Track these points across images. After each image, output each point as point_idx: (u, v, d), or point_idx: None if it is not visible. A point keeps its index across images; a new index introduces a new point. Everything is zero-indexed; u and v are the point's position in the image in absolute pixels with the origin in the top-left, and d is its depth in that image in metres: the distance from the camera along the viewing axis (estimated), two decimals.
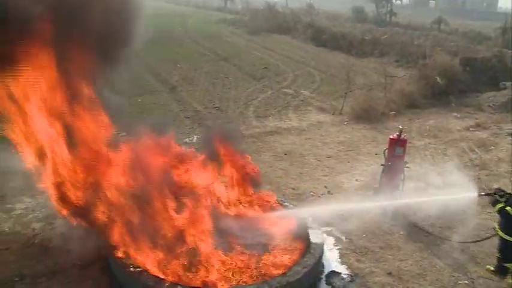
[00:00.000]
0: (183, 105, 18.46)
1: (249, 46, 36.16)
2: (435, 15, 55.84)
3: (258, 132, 15.36)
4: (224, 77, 23.86)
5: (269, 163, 12.75)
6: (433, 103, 19.93)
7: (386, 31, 42.28)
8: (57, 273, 7.79)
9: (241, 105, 18.55)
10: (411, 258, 8.64)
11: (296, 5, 70.19)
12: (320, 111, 18.11)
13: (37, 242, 8.75)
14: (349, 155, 13.72)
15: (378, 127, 16.42)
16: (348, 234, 9.37)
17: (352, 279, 7.93)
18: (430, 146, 14.91)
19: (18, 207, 9.96)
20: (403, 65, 27.74)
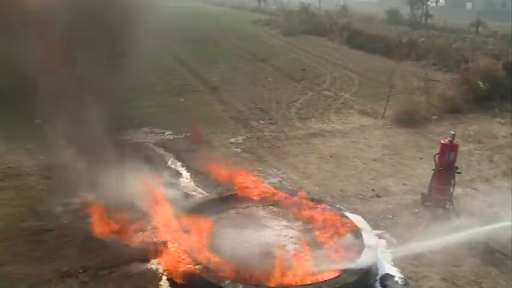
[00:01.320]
0: (226, 105, 18.72)
1: (285, 47, 36.25)
2: (472, 17, 54.93)
3: (302, 134, 15.49)
4: (263, 78, 24.02)
5: (316, 165, 12.89)
6: (475, 108, 19.67)
7: (422, 34, 41.88)
8: (118, 266, 8.05)
9: (283, 107, 18.70)
10: (465, 264, 8.63)
11: (329, 6, 69.99)
12: (362, 114, 18.13)
13: (95, 235, 9.04)
14: (394, 159, 13.74)
15: (420, 131, 16.36)
16: (398, 237, 9.43)
17: (406, 282, 7.99)
18: (474, 151, 14.78)
19: (75, 202, 10.26)
20: (441, 69, 27.46)
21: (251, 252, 7.96)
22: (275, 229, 9.09)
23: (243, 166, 12.49)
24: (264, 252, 8.07)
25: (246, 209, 9.89)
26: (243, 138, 14.88)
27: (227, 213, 9.69)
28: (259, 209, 9.90)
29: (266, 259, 7.82)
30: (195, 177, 11.82)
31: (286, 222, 9.39)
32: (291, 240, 8.73)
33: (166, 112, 17.45)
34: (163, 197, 10.29)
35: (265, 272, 7.47)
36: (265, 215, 9.69)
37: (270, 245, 8.38)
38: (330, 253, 8.23)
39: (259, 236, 8.68)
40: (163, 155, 13.34)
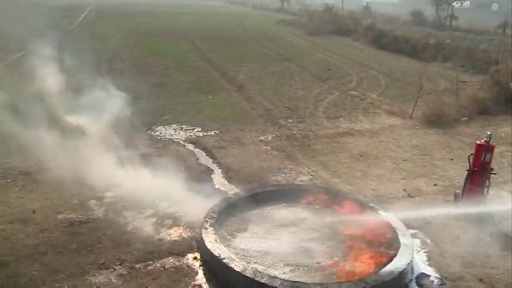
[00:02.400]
0: (253, 103, 18.77)
1: (310, 47, 36.25)
2: (498, 19, 54.18)
3: (331, 133, 15.45)
4: (290, 77, 24.04)
5: (346, 164, 12.85)
6: (505, 110, 19.38)
7: (447, 35, 41.50)
8: (153, 260, 8.14)
9: (311, 106, 18.68)
10: (501, 266, 8.52)
11: (352, 7, 69.73)
12: (390, 115, 18.02)
13: (129, 229, 9.16)
14: (425, 159, 13.63)
15: (450, 132, 16.21)
16: (432, 237, 9.37)
17: (443, 282, 7.93)
18: (506, 153, 14.61)
19: (109, 196, 10.41)
20: (468, 71, 27.20)
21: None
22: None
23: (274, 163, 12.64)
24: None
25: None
26: (272, 136, 14.90)
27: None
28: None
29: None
30: (226, 173, 11.87)
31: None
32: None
33: (195, 109, 17.59)
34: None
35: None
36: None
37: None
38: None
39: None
40: (194, 151, 13.41)
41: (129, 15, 56.43)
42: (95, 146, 12.51)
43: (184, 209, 9.89)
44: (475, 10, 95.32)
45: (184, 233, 9.05)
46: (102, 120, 14.98)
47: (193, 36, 38.93)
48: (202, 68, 25.66)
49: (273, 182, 11.37)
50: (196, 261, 8.16)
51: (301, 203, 9.90)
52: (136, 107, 17.36)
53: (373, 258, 8.07)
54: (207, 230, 8.41)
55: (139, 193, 10.29)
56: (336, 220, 9.30)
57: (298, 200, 9.95)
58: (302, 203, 9.90)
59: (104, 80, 20.89)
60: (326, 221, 9.22)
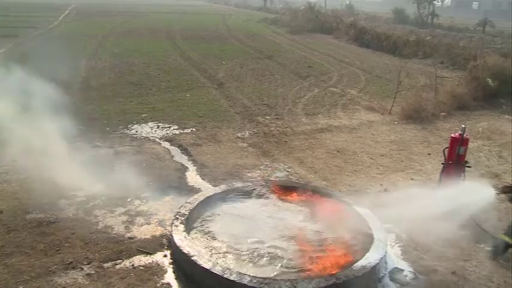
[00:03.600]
0: (232, 101, 18.60)
1: (292, 45, 36.22)
2: (478, 17, 54.78)
3: (309, 130, 15.33)
4: (270, 75, 23.94)
5: (323, 160, 12.75)
6: (483, 105, 19.54)
7: (428, 33, 41.77)
8: (122, 259, 7.95)
9: (290, 103, 18.56)
10: (475, 258, 8.49)
11: (335, 5, 70.03)
12: (369, 111, 17.98)
13: (100, 228, 8.94)
14: (402, 154, 13.59)
15: (428, 128, 16.21)
16: (408, 231, 9.29)
17: (416, 276, 7.85)
18: (483, 147, 14.63)
19: (80, 195, 10.18)
20: (448, 67, 27.37)
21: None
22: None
23: (250, 160, 12.50)
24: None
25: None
26: (249, 133, 14.76)
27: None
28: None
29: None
30: (200, 170, 11.70)
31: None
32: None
33: (173, 107, 17.37)
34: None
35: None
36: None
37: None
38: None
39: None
40: (169, 149, 13.23)
41: (111, 15, 55.98)
42: (67, 145, 12.30)
43: (157, 206, 9.74)
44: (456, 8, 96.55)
45: (155, 231, 8.85)
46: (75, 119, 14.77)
47: (175, 35, 38.70)
48: (182, 66, 25.43)
49: (247, 178, 11.21)
50: (166, 259, 7.98)
51: (273, 198, 9.75)
52: (114, 106, 17.17)
53: (346, 254, 7.95)
54: (178, 227, 8.24)
55: (111, 191, 10.14)
56: (308, 215, 9.19)
57: (270, 195, 9.81)
58: (275, 198, 9.75)
59: (82, 80, 20.73)
60: (298, 217, 9.11)
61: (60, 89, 18.64)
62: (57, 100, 16.46)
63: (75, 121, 14.49)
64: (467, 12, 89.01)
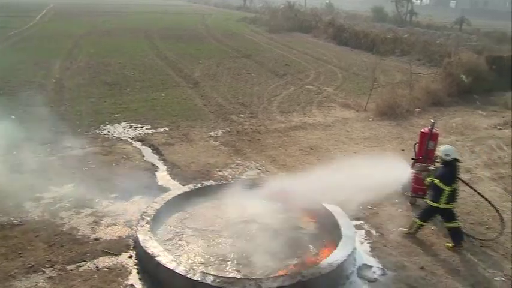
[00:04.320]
0: (207, 100, 18.45)
1: (270, 44, 36.18)
2: (456, 16, 55.31)
3: (283, 127, 15.25)
4: (246, 73, 23.85)
5: (296, 157, 12.67)
6: (457, 101, 19.68)
7: (407, 30, 42.03)
8: (86, 261, 7.77)
9: (265, 101, 18.48)
10: (443, 253, 8.47)
11: (315, 4, 70.22)
12: (344, 108, 17.96)
13: (65, 230, 8.75)
14: (376, 151, 13.57)
15: (402, 124, 16.23)
16: (377, 228, 9.26)
17: (384, 272, 7.80)
18: (457, 143, 14.66)
19: (47, 196, 9.97)
20: (425, 64, 27.54)
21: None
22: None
23: (221, 159, 12.38)
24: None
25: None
26: (222, 131, 14.62)
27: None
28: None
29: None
30: (171, 170, 11.55)
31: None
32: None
33: (147, 107, 17.16)
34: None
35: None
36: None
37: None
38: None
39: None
40: (141, 149, 13.04)
41: (89, 15, 55.37)
42: (36, 147, 12.10)
43: (125, 207, 9.59)
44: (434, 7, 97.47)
45: (121, 232, 8.70)
46: (46, 120, 14.58)
47: (153, 35, 38.36)
48: (159, 66, 25.18)
49: (218, 177, 11.09)
50: (131, 260, 7.83)
51: (242, 197, 9.63)
52: (86, 106, 16.92)
53: (314, 251, 7.88)
54: (143, 227, 8.10)
55: (79, 193, 9.99)
56: (278, 213, 9.10)
57: (239, 194, 9.69)
58: (243, 197, 9.64)
59: (55, 80, 20.40)
60: (268, 215, 9.01)
61: (32, 90, 18.51)
62: (28, 102, 16.29)
63: (46, 122, 14.35)
64: (446, 10, 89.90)
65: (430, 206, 8.66)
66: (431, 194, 8.65)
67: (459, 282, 7.65)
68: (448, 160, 8.53)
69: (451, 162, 8.55)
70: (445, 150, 8.61)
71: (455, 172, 8.57)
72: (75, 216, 9.23)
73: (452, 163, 8.57)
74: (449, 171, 8.51)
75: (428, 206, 8.73)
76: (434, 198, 8.55)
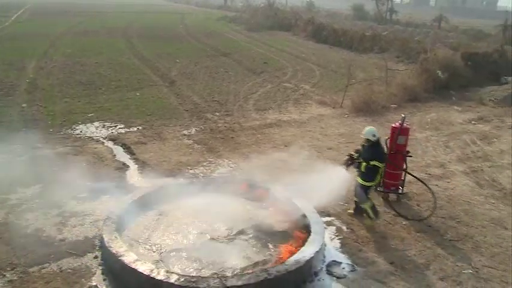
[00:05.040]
0: (182, 98, 18.27)
1: (250, 42, 36.10)
2: (435, 14, 55.82)
3: (258, 125, 15.16)
4: (224, 72, 23.73)
5: (269, 154, 12.55)
6: (434, 97, 19.81)
7: (386, 28, 42.28)
8: (50, 263, 7.57)
9: (241, 99, 18.37)
10: (414, 248, 8.44)
11: (296, 3, 70.32)
12: (320, 105, 17.93)
13: (30, 232, 8.52)
14: (350, 147, 13.42)
15: (378, 120, 16.23)
16: (349, 224, 9.20)
17: (353, 268, 7.73)
18: (431, 138, 14.75)
19: (13, 198, 9.74)
20: (403, 61, 27.67)
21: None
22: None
23: (194, 157, 12.23)
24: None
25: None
26: (196, 130, 14.47)
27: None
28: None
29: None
30: (142, 169, 11.37)
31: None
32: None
33: (121, 106, 16.92)
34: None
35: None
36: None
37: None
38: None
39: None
40: (112, 148, 12.84)
41: (68, 15, 54.74)
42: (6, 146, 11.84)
43: (93, 207, 9.40)
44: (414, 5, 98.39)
45: (88, 232, 8.51)
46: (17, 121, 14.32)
47: (132, 35, 38.04)
48: (135, 65, 24.91)
49: (189, 175, 10.95)
50: (96, 261, 7.65)
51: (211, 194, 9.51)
52: (60, 106, 16.64)
53: (282, 248, 7.77)
54: (109, 226, 7.91)
55: (46, 193, 9.75)
56: (247, 210, 9.00)
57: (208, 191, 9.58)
58: (212, 194, 9.51)
59: (29, 81, 20.05)
60: (237, 212, 8.90)
61: (4, 90, 18.17)
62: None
63: (16, 123, 14.09)
64: (426, 9, 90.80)
65: (365, 186, 9.01)
66: (365, 175, 8.91)
67: (429, 277, 7.62)
68: (376, 140, 8.87)
69: (379, 141, 8.99)
70: (371, 131, 8.94)
71: (384, 149, 9.22)
72: (41, 218, 9.00)
73: (379, 141, 9.01)
74: (382, 149, 9.07)
75: (364, 187, 9.02)
76: (368, 178, 8.92)
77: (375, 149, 8.89)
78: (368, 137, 8.89)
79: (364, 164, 8.81)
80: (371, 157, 8.76)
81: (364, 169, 8.84)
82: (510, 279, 7.62)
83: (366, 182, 8.98)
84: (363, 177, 8.96)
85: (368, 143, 8.94)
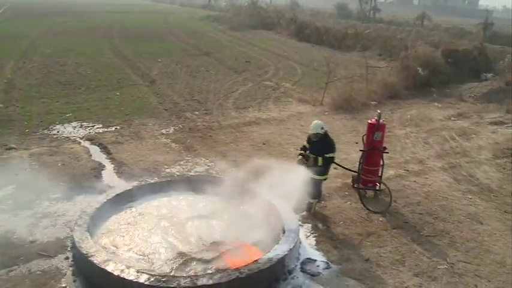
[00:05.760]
0: (162, 97, 18.10)
1: (232, 41, 35.99)
2: (419, 13, 56.27)
3: (237, 123, 15.06)
4: (205, 71, 23.59)
5: (247, 152, 12.46)
6: (414, 94, 19.89)
7: (369, 26, 42.43)
8: (18, 265, 7.40)
9: (221, 97, 18.26)
10: (390, 244, 8.39)
11: (280, 2, 70.41)
12: (301, 103, 17.88)
13: (0, 233, 8.35)
14: None
15: (358, 117, 16.22)
16: (325, 221, 9.13)
17: (328, 266, 7.66)
18: (411, 134, 14.77)
19: None
20: (385, 58, 27.85)
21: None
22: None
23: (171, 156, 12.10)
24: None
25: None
26: (174, 129, 14.33)
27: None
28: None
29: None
30: (118, 168, 11.22)
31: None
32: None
33: (100, 106, 16.71)
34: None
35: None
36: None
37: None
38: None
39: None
40: (89, 148, 12.65)
41: (49, 15, 54.04)
42: None
43: (66, 207, 9.23)
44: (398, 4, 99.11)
45: (60, 233, 8.34)
46: None
47: (114, 35, 37.70)
48: (116, 65, 24.67)
49: (165, 174, 10.82)
50: (67, 262, 7.49)
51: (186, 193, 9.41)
52: (37, 107, 16.38)
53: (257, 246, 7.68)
54: (80, 226, 7.76)
55: (19, 194, 9.56)
56: (221, 208, 8.91)
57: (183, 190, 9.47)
58: (187, 193, 9.42)
59: (7, 81, 19.74)
60: (211, 210, 8.82)
61: None
62: None
63: None
64: (409, 7, 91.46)
65: (319, 180, 9.08)
66: (319, 170, 8.92)
67: (403, 273, 7.57)
68: (324, 132, 8.97)
69: (326, 133, 9.04)
70: (319, 125, 9.06)
71: (332, 140, 9.15)
72: (12, 219, 8.80)
73: (327, 133, 9.09)
74: (332, 141, 9.11)
75: (318, 181, 9.06)
76: (323, 172, 9.01)
77: (326, 141, 8.99)
78: (317, 131, 8.96)
79: (320, 158, 8.86)
80: (325, 150, 8.86)
81: (321, 163, 8.86)
82: (484, 273, 7.62)
83: (322, 176, 9.05)
84: (319, 172, 8.97)
85: (317, 137, 9.00)
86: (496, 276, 7.57)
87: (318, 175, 8.98)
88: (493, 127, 15.72)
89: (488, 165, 12.42)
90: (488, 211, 9.89)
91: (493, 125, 15.90)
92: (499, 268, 7.80)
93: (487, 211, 9.88)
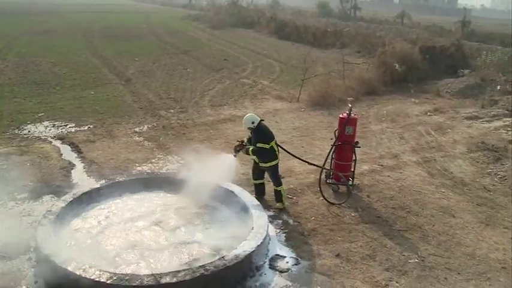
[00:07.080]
0: (137, 96, 17.86)
1: (211, 40, 35.82)
2: (399, 10, 56.64)
3: (211, 120, 14.91)
4: (182, 69, 23.39)
5: (220, 150, 12.22)
6: (392, 90, 19.91)
7: (349, 25, 42.57)
8: None
9: (197, 95, 18.08)
10: (361, 239, 8.30)
11: (261, 1, 70.42)
12: (277, 100, 17.79)
13: None
14: (304, 140, 13.42)
15: (334, 113, 16.04)
16: (296, 217, 9.02)
17: (298, 262, 7.54)
18: (387, 130, 14.74)
19: None
20: (364, 55, 27.83)
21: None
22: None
23: (143, 154, 11.91)
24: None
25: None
26: (148, 127, 14.13)
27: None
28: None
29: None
30: (88, 167, 10.99)
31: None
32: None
33: (74, 105, 16.42)
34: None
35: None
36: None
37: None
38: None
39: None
40: (60, 147, 12.39)
41: (27, 15, 53.24)
42: None
43: (32, 207, 9.00)
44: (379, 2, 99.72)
45: (24, 234, 8.09)
46: None
47: (92, 34, 37.24)
48: (92, 64, 24.34)
49: (136, 172, 10.64)
50: (29, 263, 7.27)
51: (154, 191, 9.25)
52: (9, 106, 16.05)
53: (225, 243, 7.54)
54: (44, 226, 7.55)
55: None
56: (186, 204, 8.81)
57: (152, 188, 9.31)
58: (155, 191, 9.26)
59: None
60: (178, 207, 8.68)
61: None
62: None
63: None
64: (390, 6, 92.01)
65: (271, 166, 9.21)
66: (262, 157, 9.16)
67: (374, 268, 7.48)
68: (256, 125, 9.07)
69: (259, 125, 9.12)
70: (249, 119, 9.13)
71: (267, 131, 9.26)
72: None
73: (261, 125, 9.17)
74: (263, 132, 9.16)
75: (270, 168, 9.24)
76: (266, 158, 9.15)
77: (257, 133, 9.10)
78: (248, 125, 9.10)
79: (251, 148, 9.12)
80: (257, 141, 9.04)
81: (252, 152, 9.14)
82: (454, 265, 7.57)
83: (268, 163, 9.15)
84: (262, 160, 9.18)
85: (251, 130, 9.16)
86: (465, 269, 7.53)
87: (262, 162, 9.20)
88: (468, 122, 15.75)
89: (463, 159, 12.42)
90: (461, 204, 9.87)
91: (468, 120, 15.93)
92: (469, 260, 7.76)
93: (460, 204, 9.86)
